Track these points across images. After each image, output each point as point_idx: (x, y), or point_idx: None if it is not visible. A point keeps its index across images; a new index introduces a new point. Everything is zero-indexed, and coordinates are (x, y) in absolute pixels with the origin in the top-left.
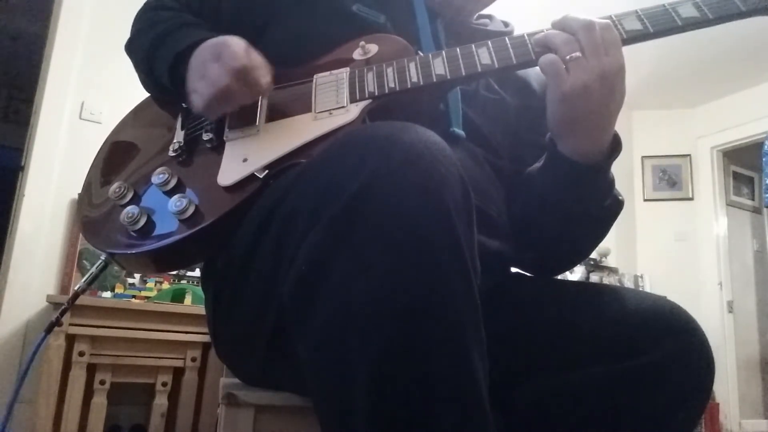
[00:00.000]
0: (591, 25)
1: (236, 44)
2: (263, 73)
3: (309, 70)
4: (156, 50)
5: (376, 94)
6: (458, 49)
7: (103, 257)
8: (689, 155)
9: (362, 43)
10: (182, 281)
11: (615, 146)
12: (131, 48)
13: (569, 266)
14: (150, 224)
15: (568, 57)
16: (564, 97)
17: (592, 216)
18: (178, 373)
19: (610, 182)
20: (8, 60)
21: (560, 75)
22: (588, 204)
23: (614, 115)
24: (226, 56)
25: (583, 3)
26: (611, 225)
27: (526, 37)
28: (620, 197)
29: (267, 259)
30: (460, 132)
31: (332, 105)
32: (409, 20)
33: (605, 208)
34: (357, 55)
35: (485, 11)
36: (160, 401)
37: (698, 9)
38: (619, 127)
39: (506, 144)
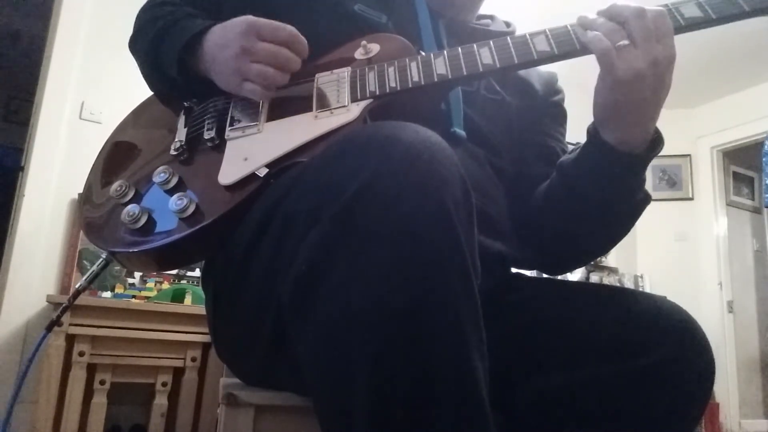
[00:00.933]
0: (642, 12)
1: (260, 19)
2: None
3: (310, 70)
4: (161, 42)
5: (377, 93)
6: (460, 49)
7: (103, 256)
8: (689, 155)
9: (364, 42)
10: (182, 281)
11: (657, 141)
12: (134, 45)
13: (584, 262)
14: (151, 223)
15: (616, 46)
16: (616, 84)
17: (622, 210)
18: (178, 373)
19: (644, 179)
20: (8, 60)
21: (614, 63)
22: (622, 197)
23: (660, 106)
24: (266, 30)
25: (585, 3)
26: (635, 221)
27: (528, 37)
28: (649, 193)
29: (267, 258)
30: (461, 132)
31: (333, 104)
32: (410, 20)
33: (636, 203)
34: (358, 54)
35: (487, 11)
36: (160, 401)
37: (701, 9)
38: None
39: (507, 144)
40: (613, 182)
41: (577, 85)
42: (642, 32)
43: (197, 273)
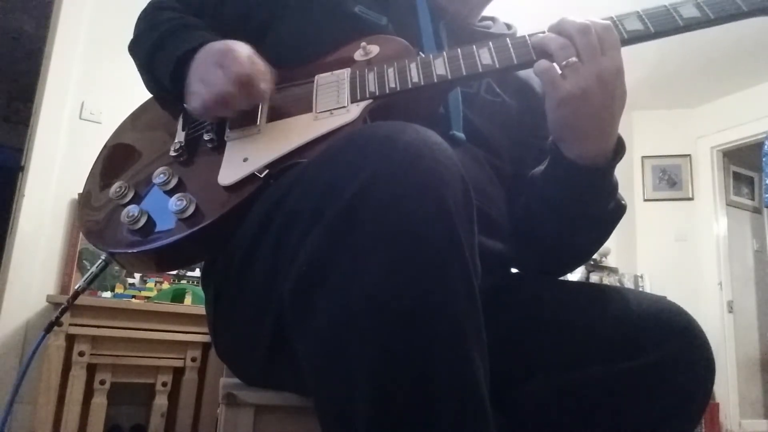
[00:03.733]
0: (587, 29)
1: (240, 50)
2: (264, 80)
3: (310, 71)
4: (157, 52)
5: (377, 94)
6: (459, 50)
7: (103, 257)
8: (689, 155)
9: (363, 44)
10: (182, 281)
11: (618, 149)
12: (134, 50)
13: (570, 268)
14: (150, 223)
15: (564, 63)
16: (562, 102)
17: (595, 219)
18: (178, 373)
19: (614, 185)
20: (8, 60)
21: (555, 82)
22: (590, 207)
23: (616, 118)
24: (229, 62)
25: (585, 4)
26: (613, 229)
27: (527, 38)
28: (623, 201)
29: (267, 258)
30: (461, 135)
31: (333, 105)
32: (411, 22)
33: (608, 212)
34: (358, 55)
35: (488, 13)
36: (160, 401)
37: (699, 9)
38: (620, 127)
39: (506, 145)
40: (577, 194)
41: None
42: (587, 48)
43: (197, 273)
